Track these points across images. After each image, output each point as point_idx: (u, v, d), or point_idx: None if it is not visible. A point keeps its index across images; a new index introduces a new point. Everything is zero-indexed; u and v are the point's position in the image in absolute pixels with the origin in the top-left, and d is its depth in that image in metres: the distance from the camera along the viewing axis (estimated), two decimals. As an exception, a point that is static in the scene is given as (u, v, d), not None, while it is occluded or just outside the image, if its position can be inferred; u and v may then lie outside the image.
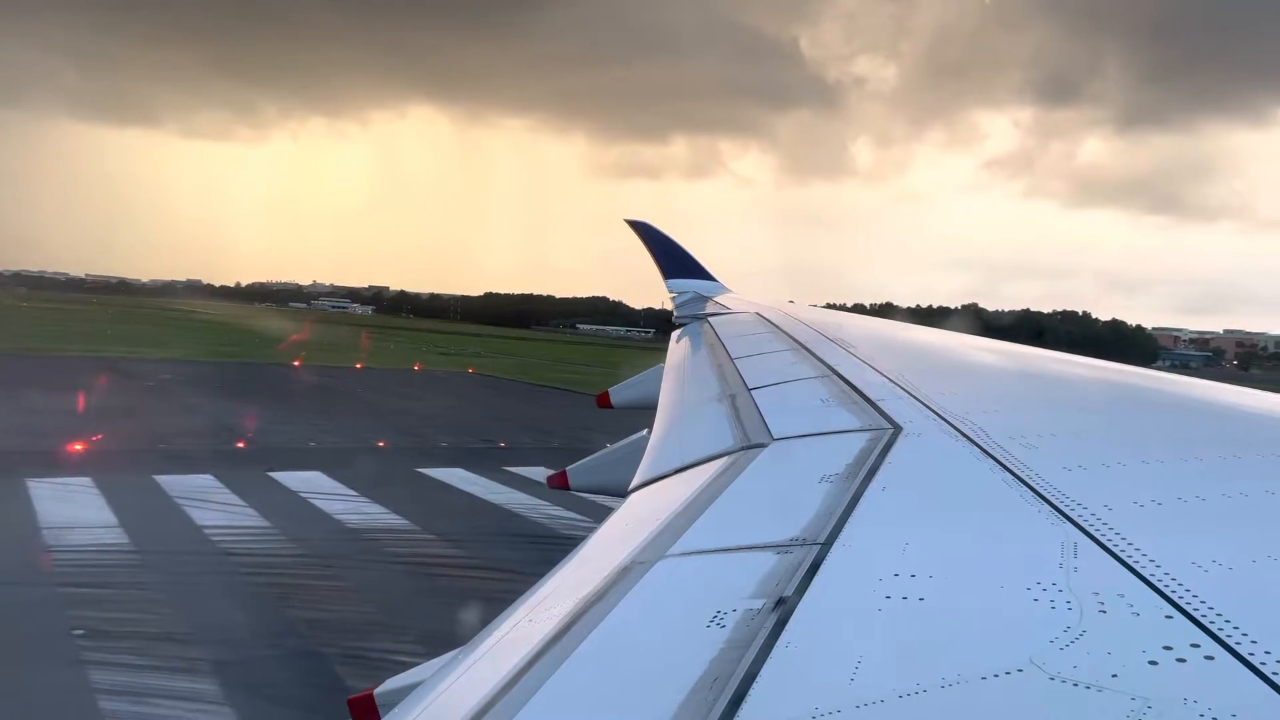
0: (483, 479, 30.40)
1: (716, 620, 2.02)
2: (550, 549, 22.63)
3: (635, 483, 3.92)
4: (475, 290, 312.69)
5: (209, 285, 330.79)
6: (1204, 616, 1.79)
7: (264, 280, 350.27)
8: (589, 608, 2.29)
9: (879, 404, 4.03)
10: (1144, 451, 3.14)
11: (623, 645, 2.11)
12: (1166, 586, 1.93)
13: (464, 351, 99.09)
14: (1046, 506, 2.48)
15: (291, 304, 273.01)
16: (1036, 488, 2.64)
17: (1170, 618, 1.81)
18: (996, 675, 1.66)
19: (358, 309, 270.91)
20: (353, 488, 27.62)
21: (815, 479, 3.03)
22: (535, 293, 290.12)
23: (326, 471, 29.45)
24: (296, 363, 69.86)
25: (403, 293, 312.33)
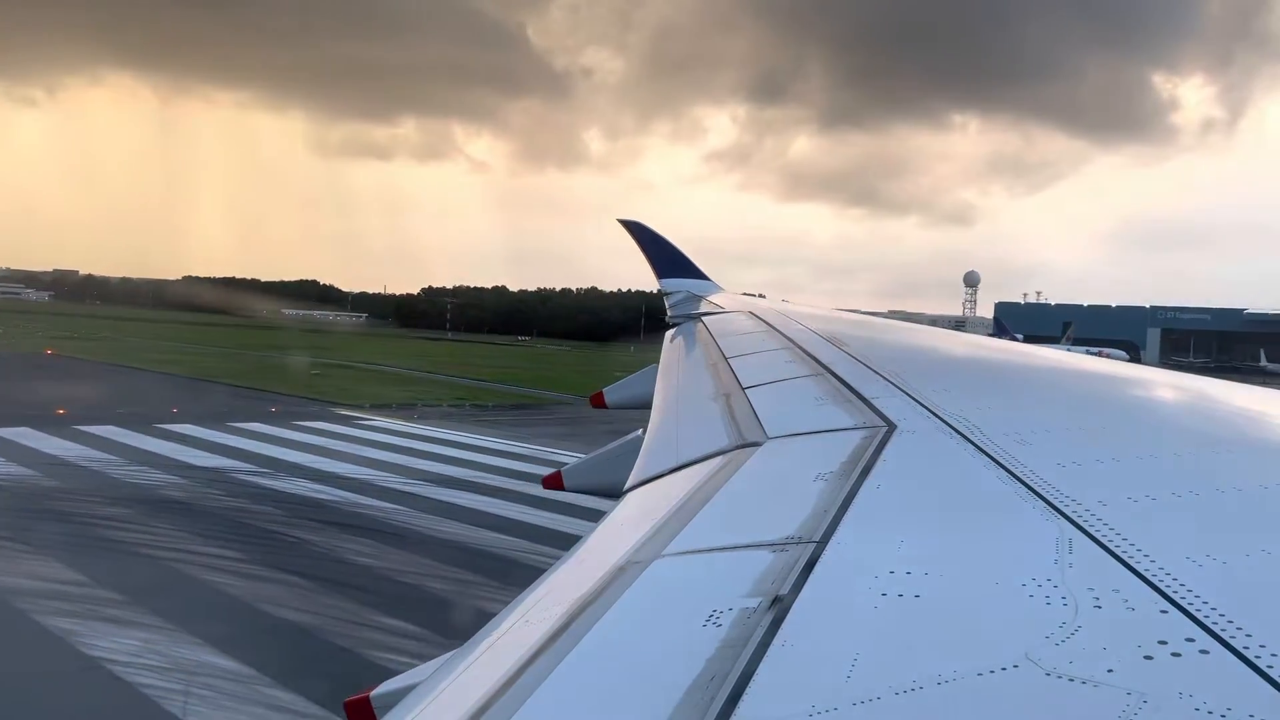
0: None
1: (713, 619, 2.02)
2: None
3: (630, 482, 3.92)
4: (174, 274, 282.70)
5: None
6: (1199, 611, 1.80)
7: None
8: (585, 607, 2.29)
9: (873, 402, 4.04)
10: (1138, 447, 3.15)
11: (619, 645, 2.11)
12: (1161, 581, 1.94)
13: (96, 336, 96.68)
14: (1041, 503, 2.49)
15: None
16: (1031, 484, 2.64)
17: (1165, 612, 1.82)
18: (992, 671, 1.66)
19: (32, 295, 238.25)
20: None
21: (810, 477, 3.03)
22: (238, 276, 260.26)
23: None
24: None
25: (90, 277, 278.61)
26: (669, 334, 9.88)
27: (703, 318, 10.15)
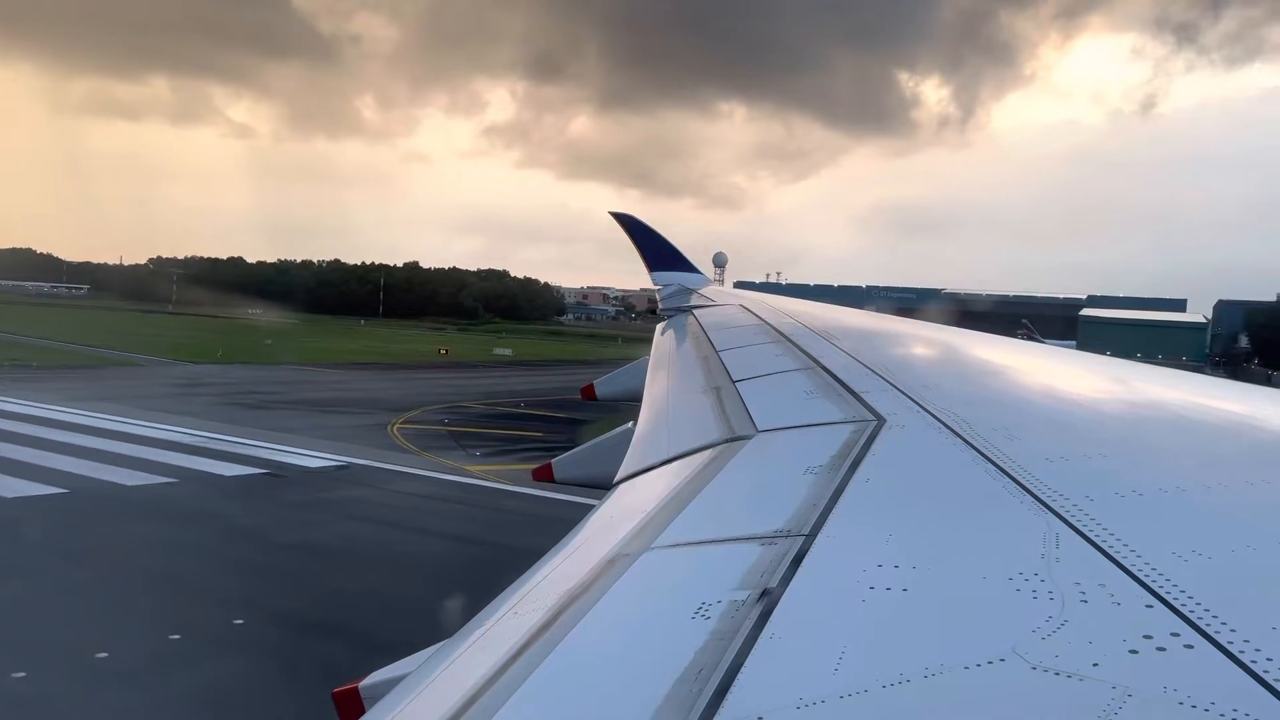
0: None
1: (702, 611, 2.03)
2: None
3: (621, 475, 3.92)
4: None
5: None
6: (1184, 606, 1.81)
7: None
8: (575, 599, 2.30)
9: (862, 396, 4.05)
10: (1125, 442, 3.16)
11: (609, 637, 2.12)
12: (1147, 576, 1.95)
13: None
14: (1028, 497, 2.50)
15: None
16: (1019, 478, 2.65)
17: (1151, 607, 1.83)
18: (979, 665, 1.67)
19: None
20: None
21: (799, 471, 3.04)
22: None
23: None
24: None
25: None
26: (660, 326, 9.89)
27: (694, 310, 10.17)
